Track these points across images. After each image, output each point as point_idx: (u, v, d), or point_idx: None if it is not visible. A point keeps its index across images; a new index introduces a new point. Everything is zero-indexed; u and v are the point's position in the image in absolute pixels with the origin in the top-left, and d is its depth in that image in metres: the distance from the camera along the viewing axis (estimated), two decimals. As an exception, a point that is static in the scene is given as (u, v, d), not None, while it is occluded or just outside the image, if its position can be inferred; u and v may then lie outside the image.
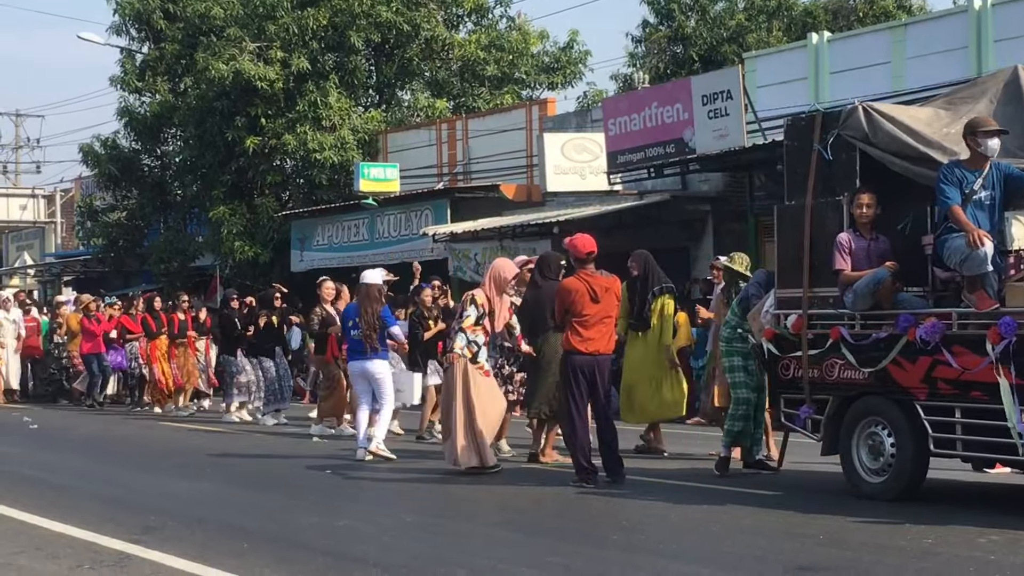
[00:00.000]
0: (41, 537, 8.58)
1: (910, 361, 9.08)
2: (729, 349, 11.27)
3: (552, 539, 8.44)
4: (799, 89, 20.24)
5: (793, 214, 10.10)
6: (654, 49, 31.49)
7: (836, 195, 9.72)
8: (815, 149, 9.84)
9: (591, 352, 10.64)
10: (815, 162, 9.84)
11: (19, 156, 52.64)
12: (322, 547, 7.99)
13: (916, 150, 9.35)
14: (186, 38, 30.16)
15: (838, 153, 9.73)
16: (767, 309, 10.30)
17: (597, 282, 10.76)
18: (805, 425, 10.00)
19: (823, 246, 9.65)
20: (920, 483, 9.46)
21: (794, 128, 10.33)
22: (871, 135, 9.50)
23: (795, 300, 9.94)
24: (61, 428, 18.07)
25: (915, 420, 9.14)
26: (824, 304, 9.75)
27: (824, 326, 9.72)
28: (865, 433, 9.59)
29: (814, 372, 9.79)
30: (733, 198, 21.14)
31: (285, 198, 29.60)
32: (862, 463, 9.63)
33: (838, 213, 9.65)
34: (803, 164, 9.98)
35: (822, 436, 9.90)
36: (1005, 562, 7.24)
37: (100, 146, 32.20)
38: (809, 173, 9.86)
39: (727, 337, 11.31)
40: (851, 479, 9.72)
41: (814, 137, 9.86)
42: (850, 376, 9.54)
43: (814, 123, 9.96)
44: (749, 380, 11.14)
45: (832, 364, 9.66)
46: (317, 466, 12.49)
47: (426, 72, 30.68)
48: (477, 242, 23.43)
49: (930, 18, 20.87)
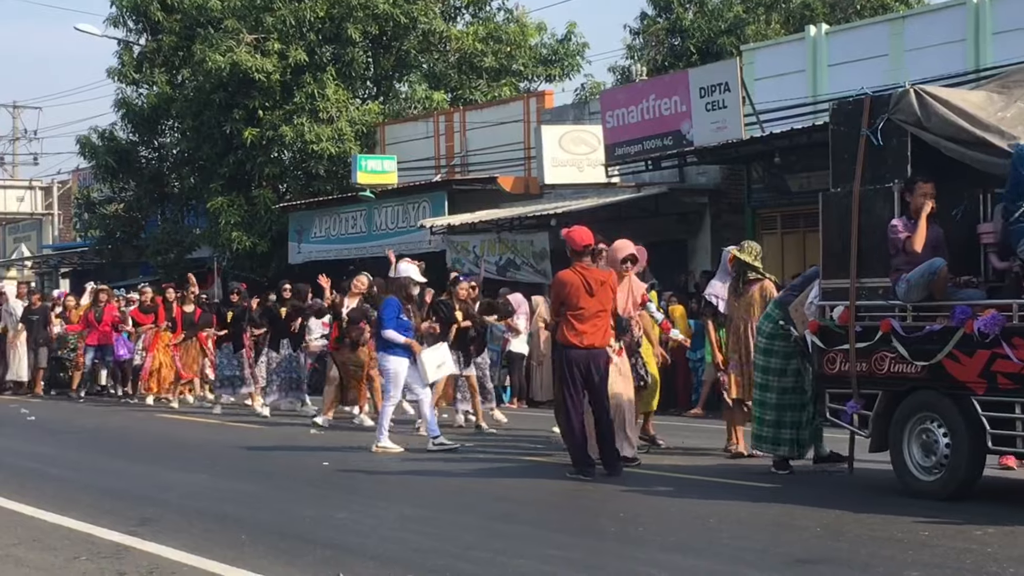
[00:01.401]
0: (38, 529, 8.57)
1: (967, 355, 8.74)
2: (769, 347, 10.84)
3: (551, 531, 8.44)
4: (797, 81, 20.24)
5: (839, 201, 9.71)
6: (652, 41, 31.45)
7: (886, 182, 9.37)
8: (863, 134, 9.48)
9: (586, 346, 10.53)
10: (863, 148, 9.47)
11: (16, 148, 52.69)
12: (321, 539, 7.99)
13: (973, 134, 9.00)
14: (183, 30, 30.14)
15: (888, 138, 9.38)
16: (811, 300, 10.01)
17: (592, 275, 10.65)
18: (852, 421, 9.66)
19: (872, 234, 9.36)
20: (975, 481, 9.14)
21: (840, 112, 9.95)
22: (924, 119, 9.16)
23: (842, 291, 9.60)
24: (58, 420, 18.06)
25: (972, 416, 8.80)
26: (873, 295, 9.42)
27: (873, 318, 9.38)
28: (917, 429, 9.26)
29: (862, 366, 9.43)
30: (731, 191, 21.15)
31: (283, 190, 29.59)
32: (914, 460, 9.29)
33: (888, 200, 9.32)
34: (850, 150, 9.61)
35: (870, 432, 9.57)
36: (1002, 555, 7.24)
37: (97, 138, 32.19)
38: (857, 159, 9.49)
39: (769, 333, 10.86)
40: (902, 477, 9.40)
41: (862, 122, 9.51)
42: (901, 370, 9.19)
43: (862, 107, 9.58)
44: (786, 382, 10.71)
45: (882, 357, 9.31)
46: (315, 458, 12.49)
47: (424, 64, 30.67)
48: (475, 234, 23.43)
49: (929, 10, 20.89)
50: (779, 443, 10.78)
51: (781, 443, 10.77)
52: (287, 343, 17.89)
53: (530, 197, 23.67)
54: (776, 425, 10.75)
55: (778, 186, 19.91)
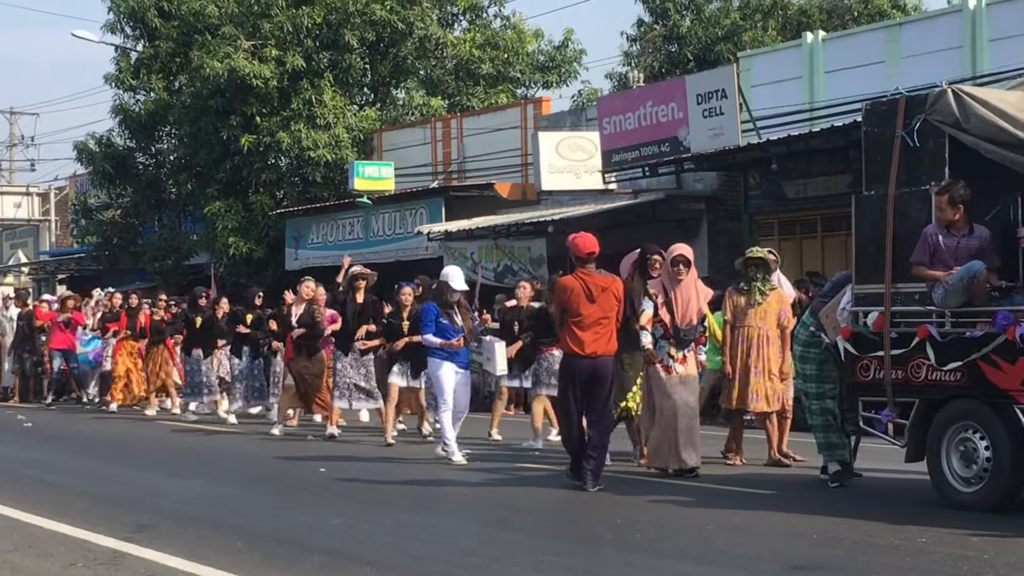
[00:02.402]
0: (34, 535, 8.56)
1: (1009, 362, 8.52)
2: (804, 355, 10.59)
3: (548, 538, 8.43)
4: (794, 88, 20.26)
5: (873, 205, 9.49)
6: (649, 48, 31.48)
7: (922, 184, 9.18)
8: (898, 135, 9.27)
9: (588, 355, 10.31)
10: (898, 149, 9.27)
11: (14, 154, 52.62)
12: (317, 545, 7.98)
13: (1015, 136, 8.79)
14: (181, 36, 30.12)
15: (924, 139, 9.18)
16: (843, 306, 9.78)
17: (594, 281, 10.44)
18: (886, 430, 9.42)
19: (907, 238, 9.14)
20: (1019, 492, 8.86)
21: (873, 113, 9.68)
22: (963, 120, 8.97)
23: (876, 296, 9.38)
24: (54, 426, 18.05)
25: (1014, 425, 8.58)
26: (909, 300, 9.19)
27: (909, 324, 9.16)
28: (956, 439, 8.99)
29: (898, 373, 9.20)
30: (728, 197, 21.17)
31: (280, 196, 29.59)
32: (953, 471, 9.03)
33: (924, 203, 9.11)
34: (884, 151, 9.39)
35: (906, 442, 9.31)
36: (999, 561, 7.25)
37: (95, 144, 32.16)
38: (891, 161, 9.29)
39: (804, 341, 10.59)
40: (940, 488, 9.14)
41: (896, 122, 9.30)
42: (939, 377, 8.95)
43: (896, 107, 9.37)
44: (825, 389, 10.45)
45: (919, 365, 9.07)
46: (312, 464, 12.48)
47: (421, 70, 30.69)
48: (472, 241, 23.43)
49: (925, 17, 20.88)
50: (832, 448, 10.45)
51: (835, 447, 10.44)
52: (248, 350, 17.81)
53: (527, 203, 23.69)
54: (825, 430, 10.44)
55: (775, 192, 19.93)
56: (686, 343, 11.19)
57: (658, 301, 11.16)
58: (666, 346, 11.13)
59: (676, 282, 11.19)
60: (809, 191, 19.45)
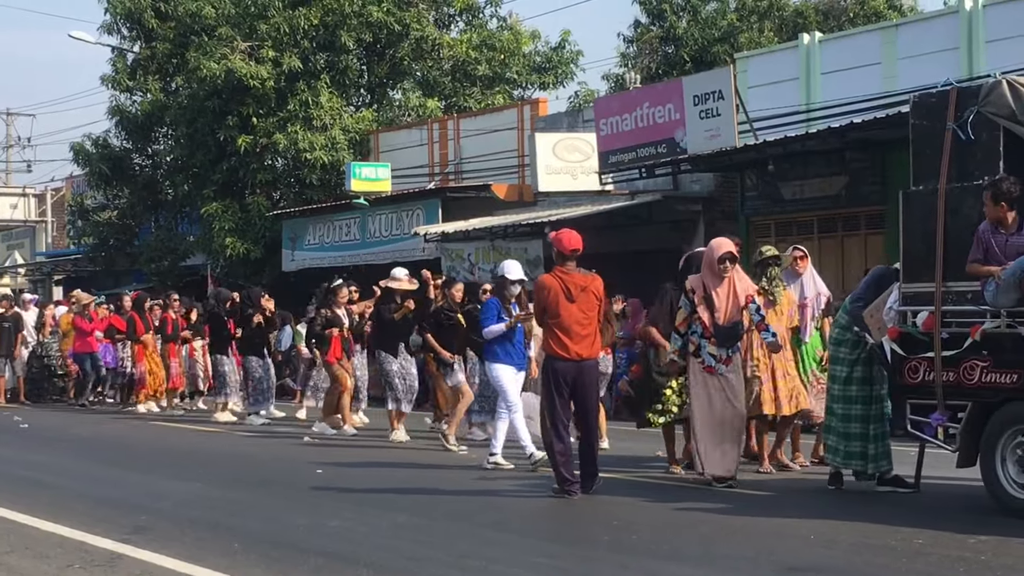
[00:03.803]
0: (31, 537, 8.56)
1: None
2: (834, 355, 10.28)
3: (544, 540, 8.44)
4: (790, 89, 20.27)
5: (923, 200, 9.19)
6: (646, 49, 31.50)
7: (974, 179, 8.89)
8: (949, 128, 9.02)
9: (572, 357, 9.98)
10: (949, 143, 9.00)
11: (10, 155, 52.70)
12: (314, 547, 7.98)
13: None
14: (177, 37, 30.10)
15: (977, 132, 8.93)
16: (890, 306, 9.48)
17: (573, 280, 10.06)
18: (936, 434, 9.10)
19: (959, 235, 8.86)
20: None
21: (923, 105, 9.40)
22: (1019, 112, 8.72)
23: (925, 295, 9.08)
24: (52, 428, 18.03)
25: None
26: (961, 299, 8.89)
27: (961, 324, 8.85)
28: (1012, 444, 8.70)
29: (949, 375, 8.89)
30: (724, 198, 21.17)
31: (276, 197, 29.58)
32: (1009, 477, 8.72)
33: (977, 199, 8.81)
34: (934, 145, 9.10)
35: (958, 447, 8.99)
36: (995, 563, 7.26)
37: (91, 145, 32.13)
38: (942, 155, 9.02)
39: (835, 339, 10.28)
40: (996, 495, 8.85)
41: (947, 115, 9.04)
42: (994, 380, 8.67)
43: (947, 100, 9.10)
44: (851, 391, 10.09)
45: (972, 366, 8.77)
46: (309, 466, 12.47)
47: (417, 72, 30.67)
48: (468, 242, 23.43)
49: (921, 19, 20.88)
50: (850, 456, 10.11)
51: (852, 456, 10.11)
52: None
53: (524, 205, 23.68)
54: (844, 437, 10.10)
55: (771, 194, 19.94)
56: (730, 342, 10.60)
57: (696, 297, 10.54)
58: (706, 345, 10.51)
59: (720, 280, 10.54)
60: (805, 192, 19.47)
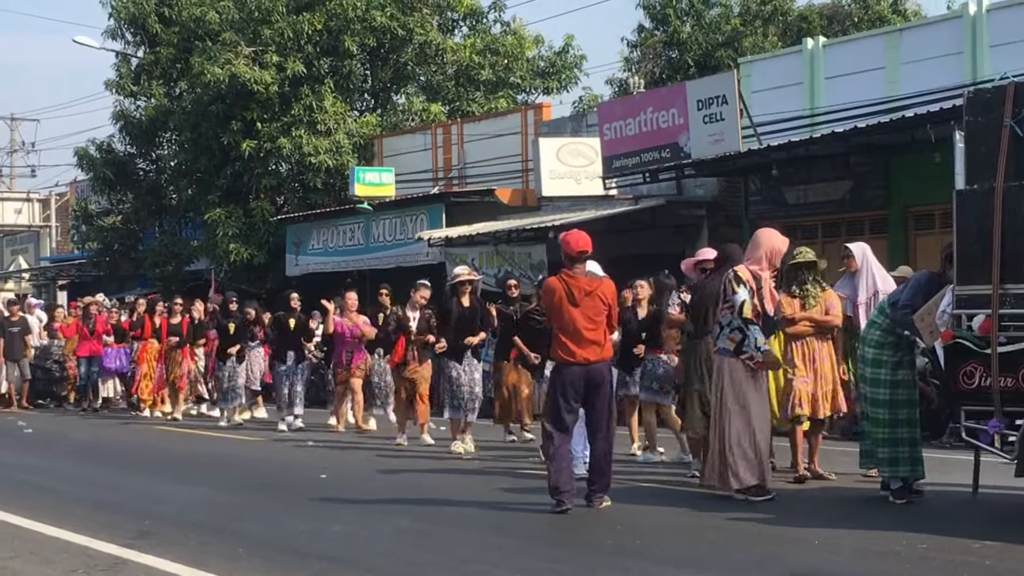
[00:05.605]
0: (35, 542, 8.57)
1: None
2: (877, 358, 9.94)
3: (546, 545, 8.43)
4: (794, 94, 20.27)
5: (978, 200, 8.85)
6: (649, 54, 31.50)
7: None
8: (1006, 124, 8.73)
9: (579, 362, 9.68)
10: (1006, 140, 8.70)
11: (14, 160, 52.74)
12: (316, 552, 7.98)
13: None
14: (181, 42, 30.15)
15: None
16: (943, 309, 9.19)
17: (578, 284, 9.79)
18: (993, 442, 8.85)
19: (1017, 236, 8.60)
20: None
21: (977, 102, 9.08)
22: None
23: (981, 298, 8.79)
24: (55, 433, 18.05)
25: None
26: (1019, 302, 8.60)
27: (1019, 328, 8.60)
28: None
29: (1007, 381, 8.60)
30: (728, 203, 21.17)
31: (280, 202, 29.61)
32: None
33: None
34: (990, 143, 8.79)
35: (1017, 455, 8.63)
36: (1000, 568, 7.24)
37: (95, 150, 32.18)
38: (999, 153, 8.72)
39: (877, 342, 9.97)
40: None
41: (1004, 111, 8.75)
42: None
43: (1003, 95, 8.81)
44: (898, 395, 9.87)
45: None
46: (312, 471, 12.48)
47: (421, 76, 30.70)
48: (472, 246, 23.44)
49: (925, 23, 20.87)
50: (897, 463, 9.83)
51: (899, 463, 9.83)
52: (292, 355, 17.89)
53: (528, 209, 23.69)
54: (893, 444, 9.81)
55: (775, 198, 19.93)
56: (774, 331, 10.41)
57: (754, 287, 10.05)
58: (757, 334, 9.99)
59: (768, 272, 10.23)
60: (810, 197, 19.47)
